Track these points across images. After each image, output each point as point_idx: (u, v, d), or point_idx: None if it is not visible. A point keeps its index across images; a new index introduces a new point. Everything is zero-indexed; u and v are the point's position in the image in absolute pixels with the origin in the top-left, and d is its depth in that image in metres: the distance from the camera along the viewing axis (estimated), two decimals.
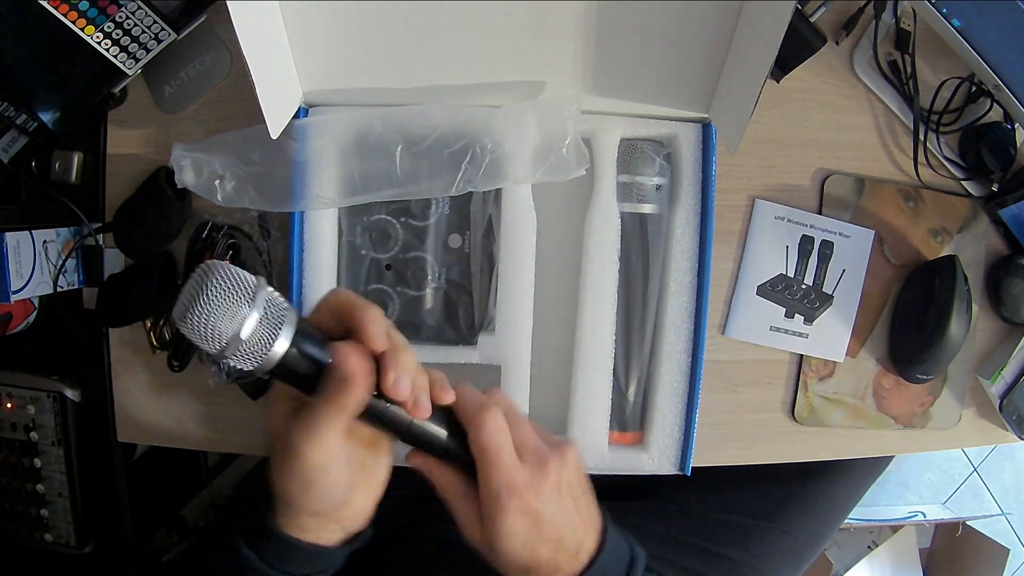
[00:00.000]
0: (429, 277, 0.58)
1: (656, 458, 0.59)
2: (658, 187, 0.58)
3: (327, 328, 0.39)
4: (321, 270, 0.57)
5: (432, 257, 0.58)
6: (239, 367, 0.35)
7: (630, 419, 0.60)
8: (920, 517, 1.29)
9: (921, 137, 0.63)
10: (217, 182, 0.56)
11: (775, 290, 0.64)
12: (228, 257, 0.59)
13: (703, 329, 0.58)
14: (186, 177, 0.56)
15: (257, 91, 0.47)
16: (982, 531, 1.23)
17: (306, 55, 0.53)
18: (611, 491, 0.68)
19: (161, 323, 0.61)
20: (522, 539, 0.41)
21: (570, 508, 0.43)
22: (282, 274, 0.60)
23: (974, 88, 0.64)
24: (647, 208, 0.58)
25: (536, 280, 0.57)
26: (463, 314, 0.59)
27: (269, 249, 0.60)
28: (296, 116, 0.56)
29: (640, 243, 0.58)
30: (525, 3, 0.50)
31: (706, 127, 0.58)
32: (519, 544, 0.41)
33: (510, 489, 0.40)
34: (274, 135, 0.51)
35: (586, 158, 0.55)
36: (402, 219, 0.58)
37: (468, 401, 0.41)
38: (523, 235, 0.57)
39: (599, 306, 0.57)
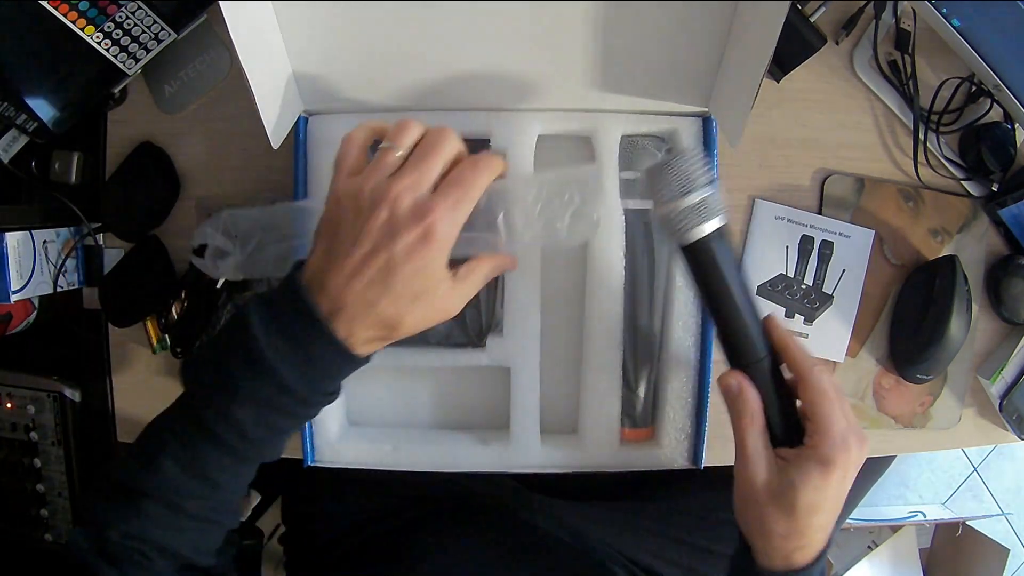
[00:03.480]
0: None
1: (669, 452, 0.59)
2: None
3: None
4: None
5: None
6: (682, 218, 0.42)
7: (641, 415, 0.60)
8: (920, 517, 1.29)
9: (921, 137, 0.63)
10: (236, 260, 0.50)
11: (775, 290, 0.64)
12: None
13: (711, 323, 0.58)
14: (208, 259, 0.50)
15: (257, 103, 0.47)
16: (982, 531, 1.23)
17: (304, 62, 0.53)
18: (614, 491, 0.68)
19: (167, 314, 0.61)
20: (826, 496, 0.41)
21: (847, 491, 0.43)
22: None
23: (974, 88, 0.64)
24: (651, 204, 0.58)
25: (542, 280, 0.57)
26: (471, 317, 0.58)
27: None
28: (297, 124, 0.56)
29: (644, 239, 0.58)
30: (527, 3, 0.50)
31: (706, 121, 0.58)
32: (820, 498, 0.41)
33: (847, 444, 0.41)
34: (275, 145, 0.51)
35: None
36: None
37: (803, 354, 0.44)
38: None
39: (606, 303, 0.57)
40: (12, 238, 0.56)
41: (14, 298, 0.56)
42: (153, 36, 0.55)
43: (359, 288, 0.37)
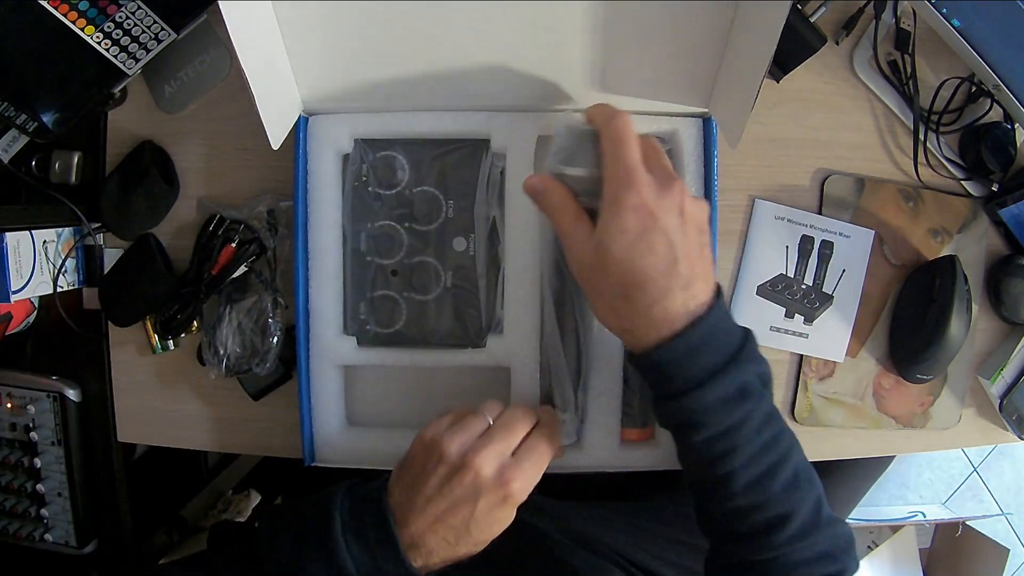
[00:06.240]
0: (435, 281, 0.58)
1: (669, 452, 0.59)
2: None
3: None
4: (327, 279, 0.57)
5: (437, 261, 0.58)
6: None
7: (641, 415, 0.59)
8: (920, 517, 1.29)
9: (921, 137, 0.63)
10: None
11: (775, 290, 0.64)
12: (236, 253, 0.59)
13: None
14: None
15: (257, 103, 0.47)
16: (982, 531, 1.23)
17: (304, 63, 0.53)
18: (614, 491, 0.68)
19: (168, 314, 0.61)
20: (633, 236, 0.40)
21: (691, 237, 0.41)
22: (287, 271, 0.60)
23: (974, 88, 0.64)
24: None
25: (542, 280, 0.57)
26: (470, 317, 0.58)
27: (275, 245, 0.60)
28: (297, 124, 0.56)
29: None
30: (528, 4, 0.50)
31: (706, 122, 0.58)
32: (630, 241, 0.40)
33: (631, 180, 0.40)
34: (275, 145, 0.51)
35: None
36: (406, 224, 0.58)
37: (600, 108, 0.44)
38: (527, 235, 0.57)
39: None
40: (12, 238, 0.56)
41: (14, 298, 0.56)
42: (153, 36, 0.55)
43: (441, 534, 0.42)
